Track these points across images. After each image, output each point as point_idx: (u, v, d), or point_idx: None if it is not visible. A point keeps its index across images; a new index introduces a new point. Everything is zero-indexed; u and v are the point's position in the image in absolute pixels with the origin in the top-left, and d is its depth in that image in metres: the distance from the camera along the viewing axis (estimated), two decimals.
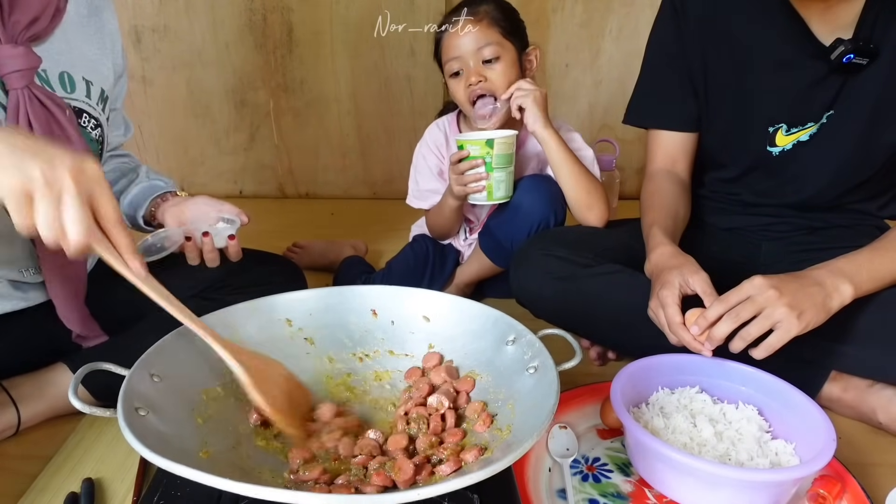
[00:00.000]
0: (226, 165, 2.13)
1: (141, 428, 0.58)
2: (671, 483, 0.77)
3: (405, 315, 0.86)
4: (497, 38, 1.19)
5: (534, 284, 1.05)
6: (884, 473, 0.84)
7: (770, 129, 1.03)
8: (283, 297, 0.85)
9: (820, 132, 1.00)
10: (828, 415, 0.79)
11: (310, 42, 1.96)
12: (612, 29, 1.93)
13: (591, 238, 1.11)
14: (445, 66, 1.23)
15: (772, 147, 1.04)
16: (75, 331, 0.95)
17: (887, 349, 0.92)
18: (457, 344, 0.83)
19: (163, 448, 0.56)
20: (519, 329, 0.78)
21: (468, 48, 1.19)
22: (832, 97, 0.98)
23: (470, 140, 1.17)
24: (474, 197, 1.21)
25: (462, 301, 0.85)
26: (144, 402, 0.63)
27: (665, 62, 1.11)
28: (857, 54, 0.92)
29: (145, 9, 1.92)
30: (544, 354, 0.71)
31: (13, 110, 0.81)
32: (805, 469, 0.72)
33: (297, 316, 0.85)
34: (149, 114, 2.05)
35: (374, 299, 0.87)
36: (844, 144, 0.99)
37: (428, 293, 0.86)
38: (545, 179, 1.23)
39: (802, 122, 1.01)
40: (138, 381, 0.66)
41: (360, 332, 0.86)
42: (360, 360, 0.85)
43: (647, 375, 0.88)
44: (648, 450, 0.77)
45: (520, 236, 1.19)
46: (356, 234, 1.70)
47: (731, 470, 0.71)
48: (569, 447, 0.85)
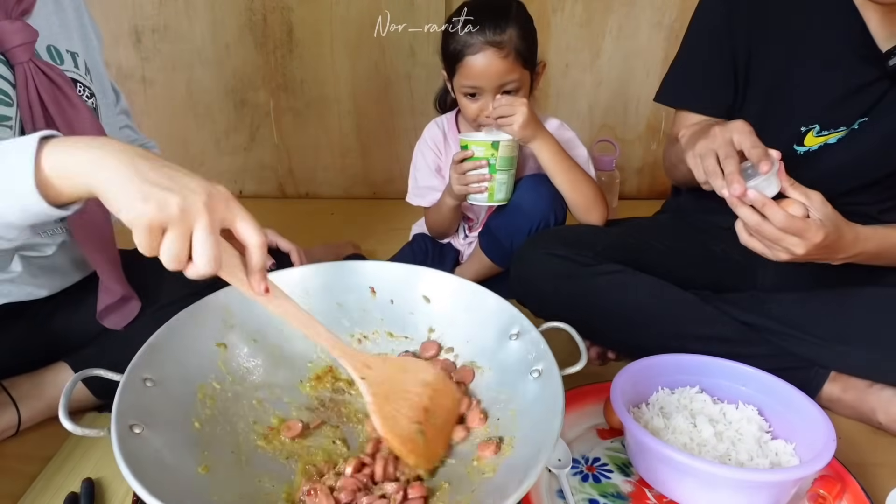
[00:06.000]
0: (226, 165, 2.13)
1: (136, 451, 0.57)
2: (671, 483, 0.77)
3: (405, 294, 0.83)
4: (519, 73, 1.18)
5: (534, 284, 1.05)
6: (884, 473, 0.84)
7: (803, 129, 1.01)
8: (280, 275, 0.82)
9: (848, 136, 0.98)
10: (828, 415, 0.79)
11: (310, 42, 1.96)
12: (612, 29, 1.92)
13: (591, 237, 1.11)
14: (462, 87, 1.20)
15: (799, 146, 1.02)
16: (118, 293, 0.92)
17: (887, 350, 0.92)
18: (458, 330, 0.80)
19: (160, 469, 0.55)
20: (524, 323, 0.76)
21: (490, 81, 1.17)
22: (872, 103, 0.96)
23: (475, 141, 1.17)
24: (475, 197, 1.21)
25: (465, 283, 0.82)
26: (139, 416, 0.62)
27: (707, 42, 1.06)
28: None
29: (145, 9, 1.92)
30: (549, 358, 0.69)
31: (22, 85, 0.81)
32: (805, 469, 0.72)
33: (294, 293, 0.83)
34: (149, 114, 2.05)
35: (372, 276, 0.84)
36: (867, 151, 0.97)
37: (430, 272, 0.84)
38: (545, 179, 1.22)
39: (836, 125, 0.99)
40: (131, 390, 0.64)
41: (359, 312, 0.84)
42: (358, 342, 0.83)
43: (647, 375, 0.88)
44: (648, 450, 0.77)
45: (520, 236, 1.19)
46: (356, 234, 1.70)
47: (731, 470, 0.71)
48: (560, 458, 0.83)
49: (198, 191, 0.55)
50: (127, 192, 0.53)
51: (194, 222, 0.55)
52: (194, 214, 0.54)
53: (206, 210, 0.55)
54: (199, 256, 0.55)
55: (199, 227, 0.55)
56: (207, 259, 0.55)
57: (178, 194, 0.54)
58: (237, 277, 0.59)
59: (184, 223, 0.54)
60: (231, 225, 0.58)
